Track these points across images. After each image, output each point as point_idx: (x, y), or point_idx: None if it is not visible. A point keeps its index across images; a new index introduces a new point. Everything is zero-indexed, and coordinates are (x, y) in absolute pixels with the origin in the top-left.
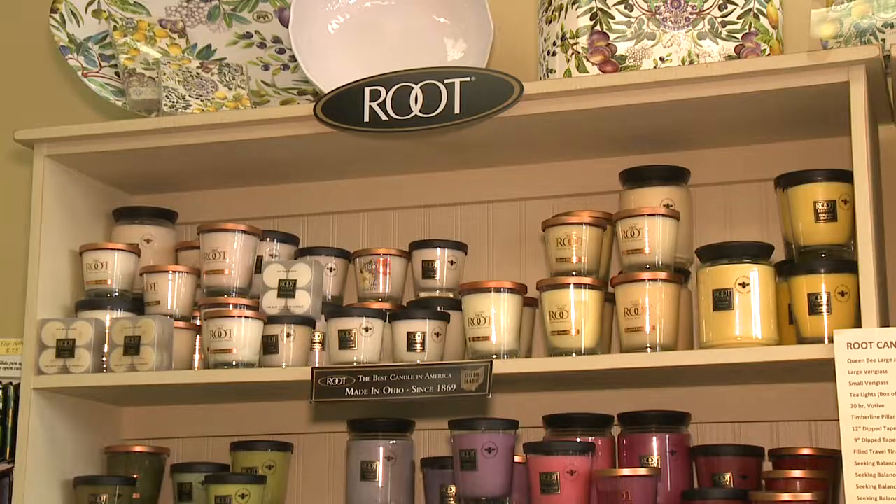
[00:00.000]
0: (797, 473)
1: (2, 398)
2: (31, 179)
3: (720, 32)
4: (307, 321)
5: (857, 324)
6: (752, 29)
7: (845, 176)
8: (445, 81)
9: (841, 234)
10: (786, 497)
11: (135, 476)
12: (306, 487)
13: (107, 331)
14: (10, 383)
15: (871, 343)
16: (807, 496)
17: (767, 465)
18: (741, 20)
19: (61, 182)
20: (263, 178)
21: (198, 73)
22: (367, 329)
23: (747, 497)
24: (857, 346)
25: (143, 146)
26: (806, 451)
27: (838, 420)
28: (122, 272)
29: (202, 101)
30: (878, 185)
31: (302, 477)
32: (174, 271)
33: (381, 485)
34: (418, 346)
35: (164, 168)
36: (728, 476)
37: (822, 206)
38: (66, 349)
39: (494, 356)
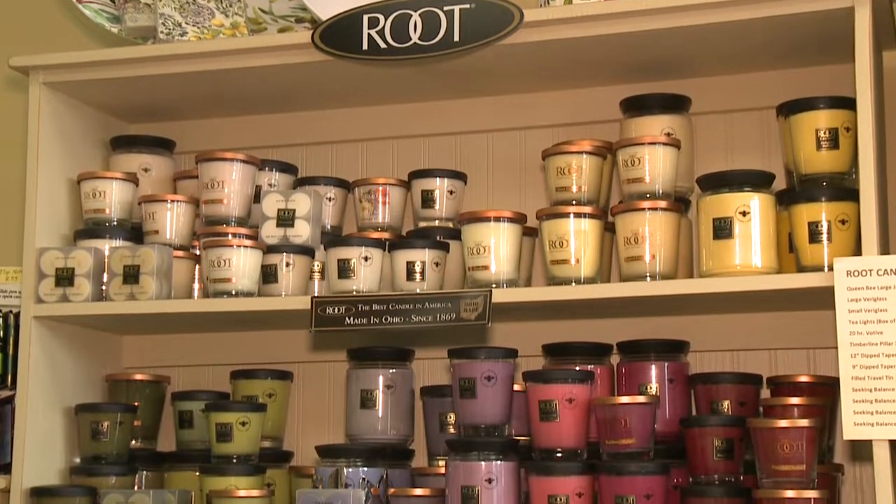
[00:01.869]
0: (795, 400)
1: (2, 326)
2: (27, 107)
3: None
4: (306, 251)
5: (858, 252)
6: None
7: (848, 103)
8: (445, 8)
9: (842, 162)
10: (783, 423)
11: (136, 404)
12: (306, 416)
13: (106, 260)
14: (10, 311)
15: (870, 271)
16: (804, 422)
17: (766, 393)
18: None
19: (58, 110)
20: (262, 107)
21: (194, 0)
22: (366, 258)
23: (745, 424)
24: (856, 273)
25: (139, 74)
26: (804, 379)
27: (837, 348)
28: (120, 201)
29: (199, 28)
30: (880, 113)
31: (302, 405)
32: (173, 200)
33: (380, 413)
34: (418, 276)
35: (161, 96)
36: (726, 403)
37: (824, 133)
38: (65, 278)
39: (494, 285)
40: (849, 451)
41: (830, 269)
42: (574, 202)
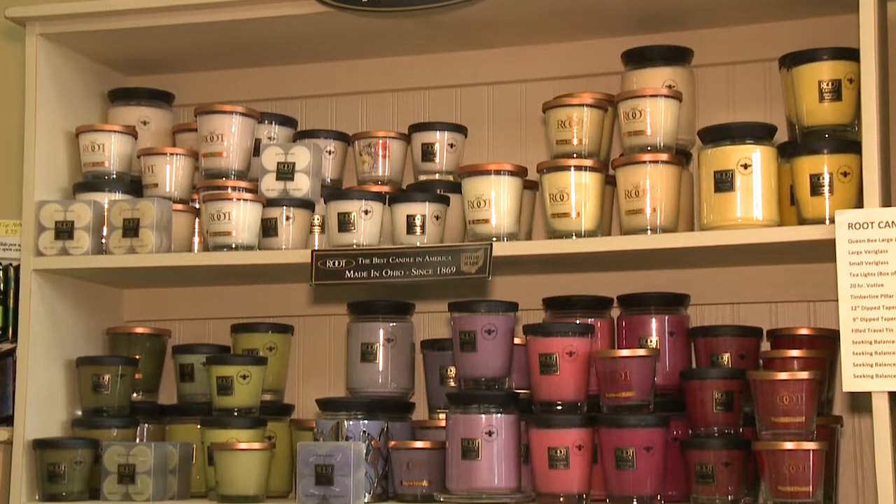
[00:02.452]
0: (795, 353)
1: (2, 279)
2: (24, 59)
3: None
4: (306, 204)
5: (859, 204)
6: None
7: (851, 54)
8: None
9: (845, 114)
10: (783, 376)
11: (136, 357)
12: (307, 369)
13: (105, 213)
14: (10, 264)
15: (872, 223)
16: (804, 375)
17: (766, 346)
18: None
19: (55, 62)
20: (261, 59)
21: None
22: (366, 212)
23: (745, 376)
24: (858, 226)
25: (137, 25)
26: (804, 331)
27: (837, 300)
28: (119, 154)
29: None
30: (884, 64)
31: (302, 359)
32: (172, 154)
33: (381, 366)
34: (418, 229)
35: (159, 48)
36: (726, 356)
37: (827, 85)
38: (64, 231)
39: (494, 239)
40: (848, 403)
41: (832, 221)
42: (575, 155)
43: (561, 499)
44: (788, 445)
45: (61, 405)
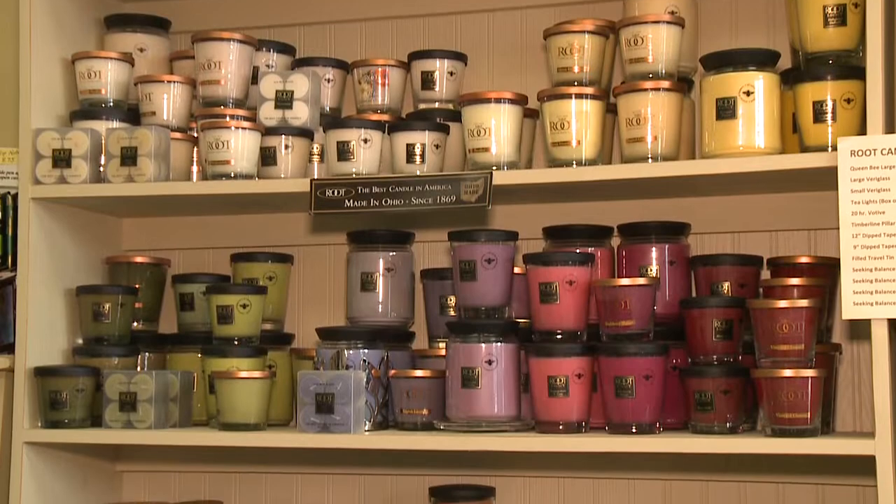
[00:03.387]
0: (795, 281)
1: (0, 207)
2: None
3: None
4: (305, 133)
5: (862, 132)
6: None
7: None
8: None
9: (850, 40)
10: (782, 304)
11: (136, 286)
12: (307, 298)
13: (103, 141)
14: (8, 192)
15: (874, 150)
16: (804, 303)
17: (766, 274)
18: None
19: None
20: None
21: None
22: (365, 140)
23: (744, 305)
24: (860, 153)
25: None
26: (804, 260)
27: (838, 228)
28: (116, 82)
29: None
30: None
31: (302, 288)
32: (169, 81)
33: (381, 296)
34: (417, 158)
35: None
36: (726, 285)
37: (832, 10)
38: (62, 159)
39: (494, 167)
40: (847, 331)
41: (834, 148)
42: (576, 83)
43: (560, 426)
44: (787, 373)
45: (62, 334)
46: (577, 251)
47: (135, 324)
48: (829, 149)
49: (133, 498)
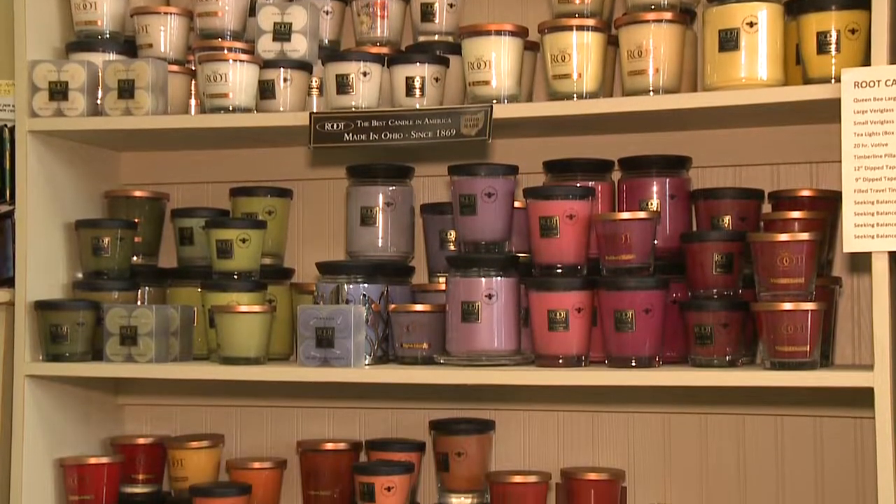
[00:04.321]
0: (796, 214)
1: None
2: None
3: None
4: (304, 65)
5: (866, 63)
6: None
7: None
8: None
9: None
10: (783, 237)
11: (136, 220)
12: (306, 233)
13: (100, 73)
14: (5, 125)
15: (878, 81)
16: (804, 236)
17: (767, 208)
18: None
19: None
20: None
21: None
22: (365, 74)
23: (745, 238)
24: (864, 84)
25: None
26: (805, 193)
27: (840, 161)
28: (111, 13)
29: None
30: None
31: (302, 223)
32: (166, 13)
33: (380, 230)
34: (417, 91)
35: None
36: (727, 218)
37: None
38: (59, 91)
39: (494, 101)
40: (847, 264)
41: (837, 80)
42: (577, 15)
43: (560, 360)
44: (787, 306)
45: (62, 268)
46: (578, 185)
47: (134, 258)
48: (833, 80)
49: (135, 431)
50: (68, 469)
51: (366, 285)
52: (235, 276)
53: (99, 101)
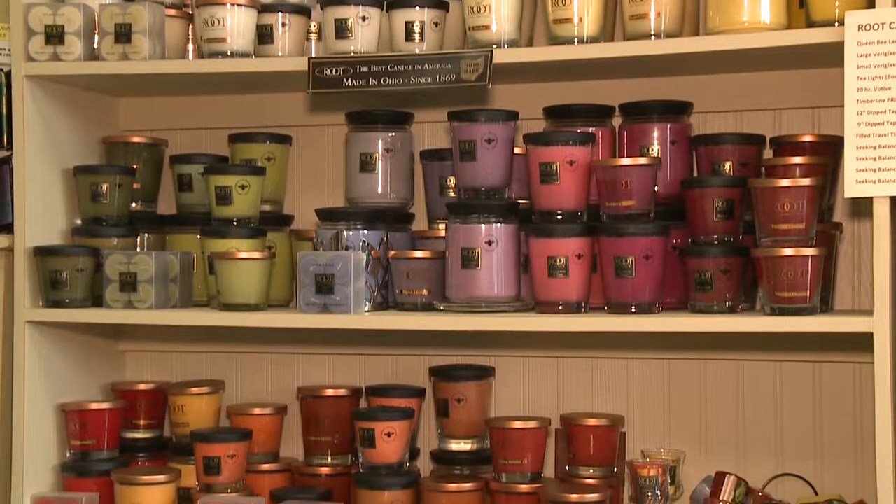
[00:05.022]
0: (797, 160)
1: None
2: None
3: None
4: (302, 10)
5: (871, 5)
6: None
7: None
8: None
9: None
10: (784, 182)
11: (134, 166)
12: (305, 180)
13: (96, 17)
14: (1, 69)
15: (882, 24)
16: (805, 181)
17: (769, 153)
18: None
19: None
20: None
21: None
22: (364, 18)
23: (746, 184)
24: (868, 27)
25: None
26: (807, 138)
27: (843, 106)
28: None
29: None
30: None
31: (301, 169)
32: None
33: (380, 177)
34: (417, 36)
35: None
36: (728, 164)
37: None
38: (55, 35)
39: (495, 45)
40: (848, 210)
41: (841, 23)
42: None
43: (560, 307)
44: (787, 252)
45: (60, 214)
46: (578, 131)
47: (133, 204)
48: (836, 24)
49: (135, 377)
50: (70, 414)
51: (365, 232)
52: (235, 223)
53: (96, 46)
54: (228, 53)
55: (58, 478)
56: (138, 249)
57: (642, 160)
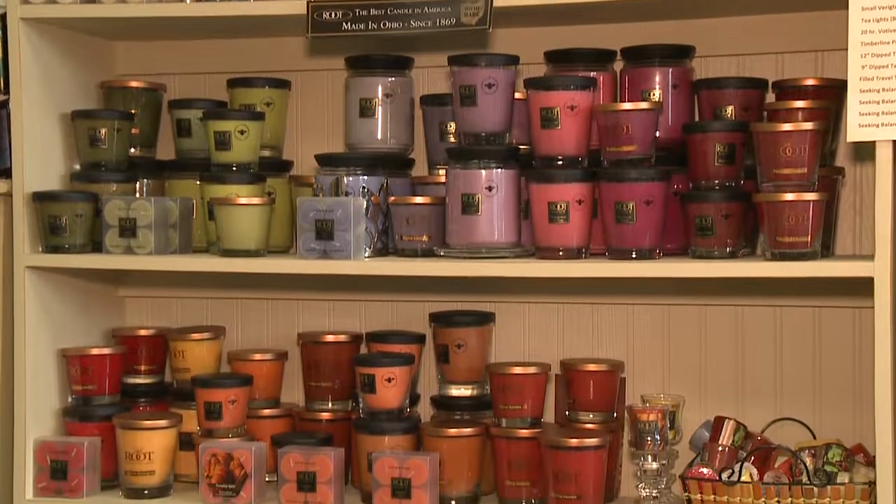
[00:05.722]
0: (799, 104)
1: None
2: None
3: None
4: None
5: None
6: None
7: None
8: None
9: None
10: (786, 127)
11: (132, 111)
12: (305, 125)
13: None
14: None
15: None
16: (807, 125)
17: (771, 97)
18: None
19: None
20: None
21: None
22: None
23: (748, 128)
24: None
25: None
26: (810, 82)
27: (846, 49)
28: None
29: None
30: None
31: (300, 115)
32: None
33: (380, 122)
34: None
35: None
36: (730, 109)
37: None
38: None
39: None
40: (850, 154)
41: None
42: None
43: (560, 252)
44: (789, 196)
45: (59, 159)
46: (579, 75)
47: (132, 150)
48: None
49: (136, 322)
50: (71, 359)
51: (365, 177)
52: (234, 168)
53: None
54: None
55: (60, 422)
56: (137, 195)
57: (643, 105)
